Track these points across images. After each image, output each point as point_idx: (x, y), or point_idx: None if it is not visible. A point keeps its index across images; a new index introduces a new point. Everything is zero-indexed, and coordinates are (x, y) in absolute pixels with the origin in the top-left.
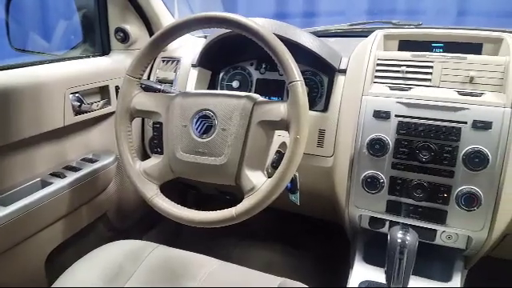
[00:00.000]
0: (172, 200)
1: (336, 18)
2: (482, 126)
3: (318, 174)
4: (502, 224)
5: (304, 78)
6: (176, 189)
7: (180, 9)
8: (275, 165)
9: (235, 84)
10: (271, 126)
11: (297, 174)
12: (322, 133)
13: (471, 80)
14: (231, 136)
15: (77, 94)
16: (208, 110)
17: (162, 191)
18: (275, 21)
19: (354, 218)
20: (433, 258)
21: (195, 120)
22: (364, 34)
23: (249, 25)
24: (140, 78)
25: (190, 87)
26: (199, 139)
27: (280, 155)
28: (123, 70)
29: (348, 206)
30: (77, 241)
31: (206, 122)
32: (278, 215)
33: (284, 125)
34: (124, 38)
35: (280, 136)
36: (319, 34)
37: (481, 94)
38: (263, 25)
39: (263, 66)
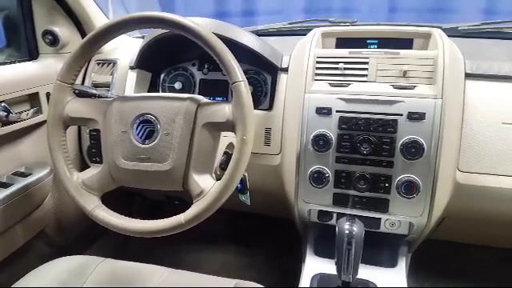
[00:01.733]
0: (116, 210)
1: (275, 17)
2: (416, 117)
3: (267, 173)
4: (440, 208)
5: (247, 78)
6: (120, 198)
7: (115, 9)
8: (223, 166)
9: (177, 85)
10: (217, 127)
11: (246, 174)
12: (268, 131)
13: (404, 74)
14: (175, 140)
15: (2, 104)
16: (149, 114)
17: (104, 202)
18: (215, 20)
19: (304, 212)
20: (379, 246)
21: (136, 125)
22: (303, 32)
23: (187, 24)
24: (73, 84)
25: (129, 91)
26: (141, 145)
27: (228, 156)
28: (54, 76)
29: (297, 201)
30: (13, 262)
31: (147, 127)
32: (228, 216)
33: (230, 126)
34: (53, 40)
35: (226, 137)
36: (259, 33)
37: (414, 87)
38: (202, 24)
39: (206, 66)
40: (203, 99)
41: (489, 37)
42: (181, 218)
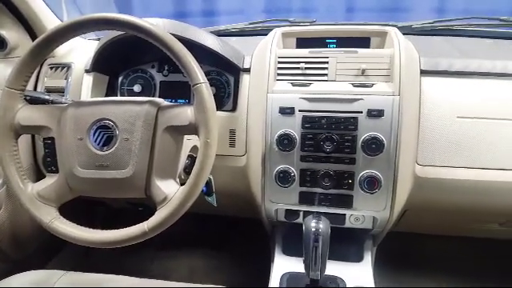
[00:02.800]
0: (77, 221)
1: (236, 17)
2: (376, 114)
3: (233, 174)
4: (401, 202)
5: (209, 79)
6: (81, 208)
7: (68, 10)
8: (188, 170)
9: (137, 88)
10: (179, 131)
11: (211, 177)
12: (232, 133)
13: (363, 72)
14: (135, 145)
15: None
16: (107, 119)
17: (63, 213)
18: (173, 21)
19: (271, 212)
20: (345, 241)
21: (93, 131)
22: (263, 32)
23: (143, 26)
24: (23, 90)
25: (85, 95)
26: (100, 152)
27: (192, 160)
28: (3, 82)
29: (264, 201)
30: None
31: (105, 133)
32: (195, 219)
33: (192, 129)
34: (1, 44)
35: (190, 140)
36: (220, 34)
37: (372, 85)
38: (160, 25)
39: (166, 67)
40: (164, 102)
41: (441, 34)
42: (144, 226)
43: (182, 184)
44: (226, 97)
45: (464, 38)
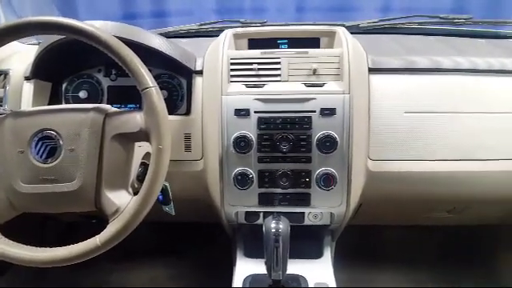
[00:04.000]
0: (25, 239)
1: (186, 18)
2: (328, 112)
3: (190, 179)
4: (356, 196)
5: (161, 82)
6: (29, 223)
7: (5, 13)
8: (141, 178)
9: (82, 94)
10: (129, 138)
11: (167, 184)
12: (188, 137)
13: (314, 72)
14: (82, 156)
15: None
16: (49, 129)
17: (8, 231)
18: (120, 23)
19: (231, 215)
20: (305, 239)
21: (34, 143)
22: (214, 33)
23: (84, 29)
24: None
25: (26, 104)
26: (43, 165)
27: (145, 167)
28: None
29: (223, 205)
30: None
31: (48, 144)
32: (153, 228)
33: (143, 135)
34: None
35: (142, 147)
36: (170, 35)
37: (323, 84)
38: (104, 28)
39: (113, 72)
40: (111, 108)
41: (386, 32)
42: (96, 240)
43: (135, 193)
44: (179, 100)
45: (408, 36)
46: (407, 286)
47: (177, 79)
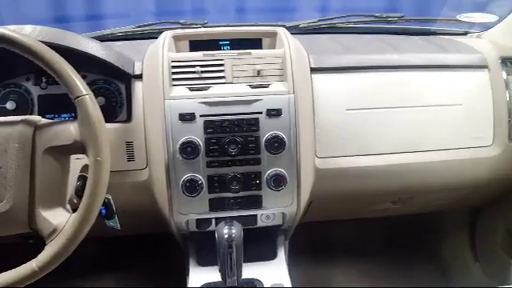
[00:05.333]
0: None
1: (122, 20)
2: (274, 113)
3: (135, 190)
4: (306, 194)
5: (97, 88)
6: None
7: None
8: (80, 193)
9: (10, 106)
10: (63, 151)
11: (109, 197)
12: (130, 145)
13: (259, 73)
14: (11, 174)
15: None
16: None
17: None
18: (48, 28)
19: (181, 224)
20: (258, 241)
21: None
22: (153, 35)
23: (5, 34)
24: None
25: None
26: None
27: (84, 181)
28: None
29: (173, 214)
30: None
31: None
32: (99, 242)
33: (79, 147)
34: None
35: (80, 159)
36: (106, 38)
37: (268, 85)
38: (32, 33)
39: (44, 79)
40: (41, 120)
41: (326, 32)
42: (33, 264)
43: (74, 210)
44: (119, 107)
45: (346, 35)
46: (359, 277)
47: (114, 84)
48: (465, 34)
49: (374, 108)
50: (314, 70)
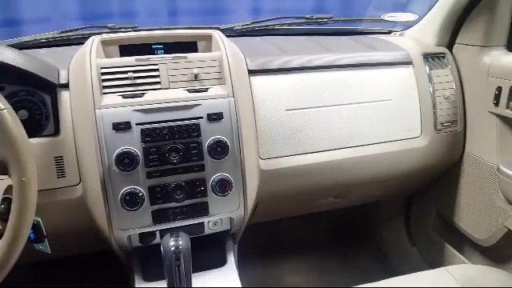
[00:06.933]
0: None
1: (43, 26)
2: (215, 117)
3: (68, 209)
4: (252, 197)
5: (19, 101)
6: None
7: None
8: (5, 217)
9: None
10: None
11: (39, 219)
12: (59, 160)
13: (196, 77)
14: None
15: None
16: None
17: None
18: None
19: (123, 241)
20: (206, 248)
21: None
22: (79, 41)
23: None
24: None
25: None
26: None
27: (9, 203)
28: None
29: (112, 231)
30: None
31: None
32: (31, 270)
33: (0, 168)
34: None
35: (3, 180)
36: (27, 46)
37: (207, 89)
38: None
39: None
40: None
41: (260, 34)
42: None
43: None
44: (45, 119)
45: (280, 37)
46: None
47: (38, 95)
48: (389, 32)
49: (311, 107)
50: (251, 72)
